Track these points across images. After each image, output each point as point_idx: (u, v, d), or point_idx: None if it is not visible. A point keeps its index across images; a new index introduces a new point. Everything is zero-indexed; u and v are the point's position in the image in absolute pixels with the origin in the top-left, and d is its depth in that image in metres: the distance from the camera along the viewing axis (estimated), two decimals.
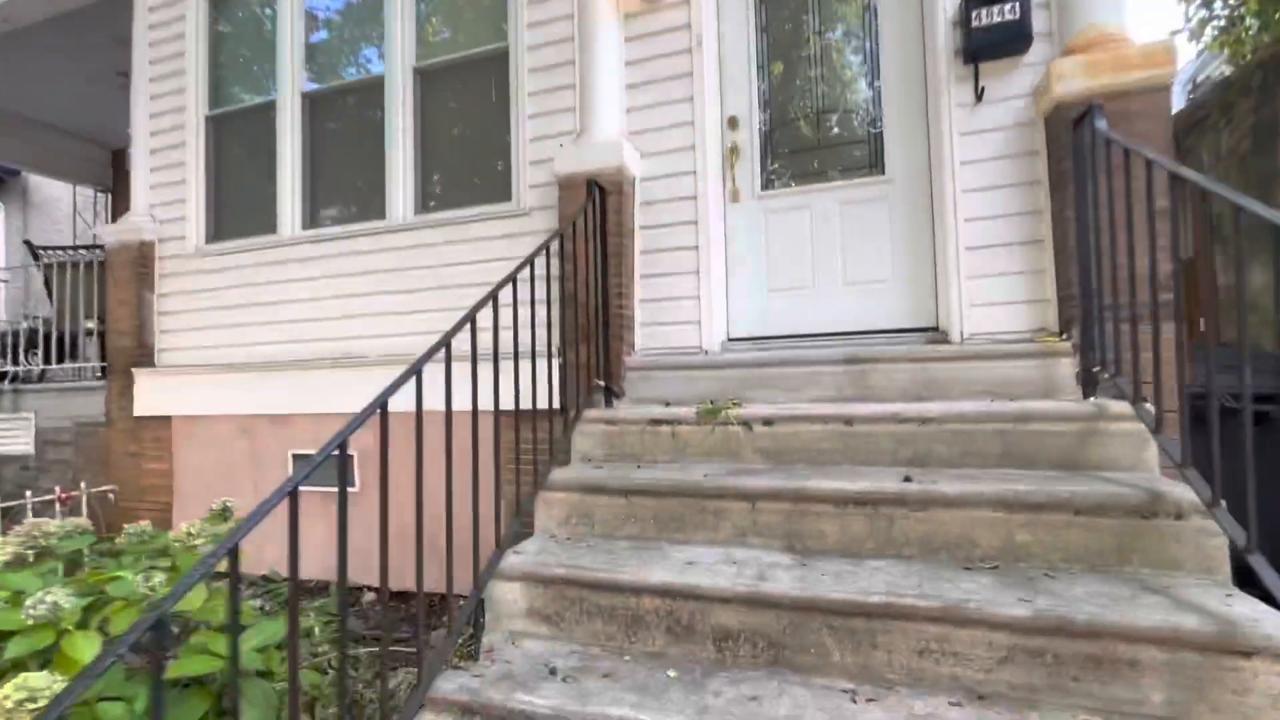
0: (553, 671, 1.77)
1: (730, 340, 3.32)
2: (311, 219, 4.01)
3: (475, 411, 2.08)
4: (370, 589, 3.40)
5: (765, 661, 1.75)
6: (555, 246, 2.60)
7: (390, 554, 1.69)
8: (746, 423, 2.50)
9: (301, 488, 1.39)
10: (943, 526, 1.93)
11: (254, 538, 1.30)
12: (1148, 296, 1.89)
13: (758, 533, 2.11)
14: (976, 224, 2.74)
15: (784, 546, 2.07)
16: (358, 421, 1.63)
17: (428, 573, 1.83)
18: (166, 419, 4.18)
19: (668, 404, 2.94)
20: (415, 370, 1.81)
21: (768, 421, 2.47)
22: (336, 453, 1.56)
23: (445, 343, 1.93)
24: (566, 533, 2.34)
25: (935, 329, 2.97)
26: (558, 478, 2.40)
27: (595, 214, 2.96)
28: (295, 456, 3.80)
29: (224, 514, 2.40)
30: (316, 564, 3.59)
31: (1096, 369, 2.28)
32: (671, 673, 1.74)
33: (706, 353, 3.12)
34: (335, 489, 1.55)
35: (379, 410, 1.67)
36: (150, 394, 4.21)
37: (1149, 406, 1.96)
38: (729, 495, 2.16)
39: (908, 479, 2.04)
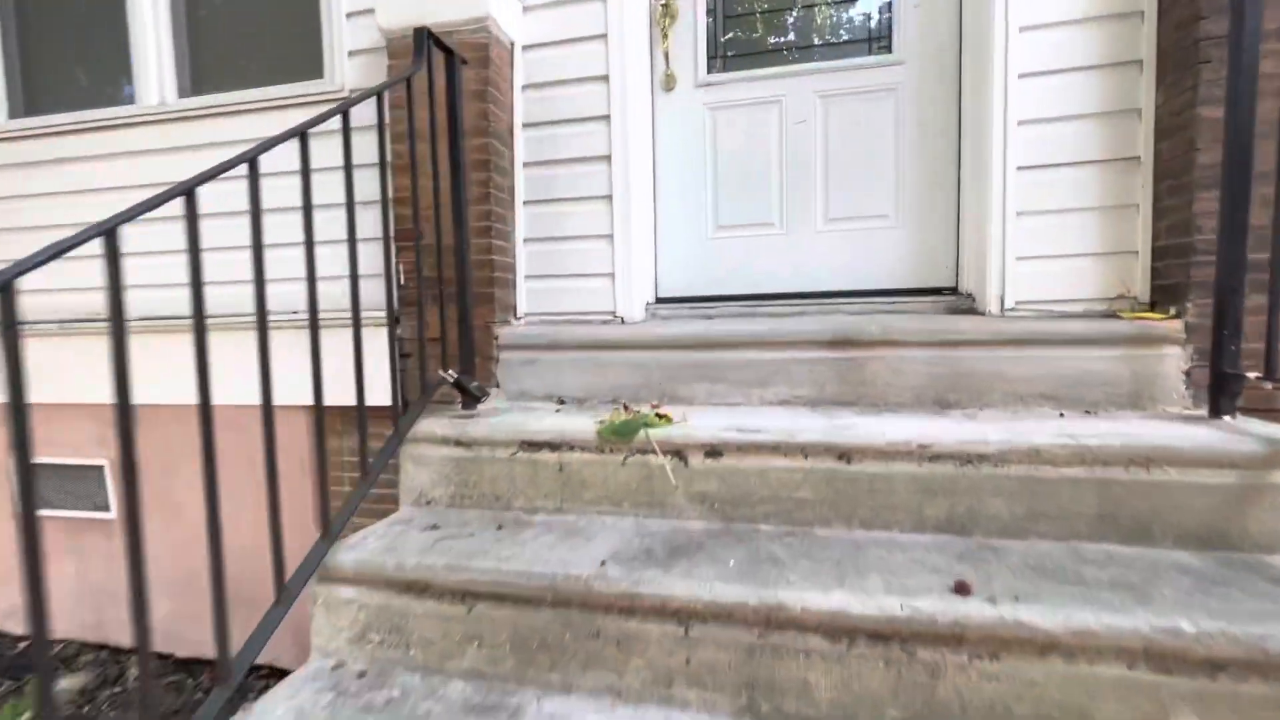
0: None
1: (659, 302, 2.30)
2: (25, 105, 2.60)
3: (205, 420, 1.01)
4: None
5: None
6: (373, 150, 1.44)
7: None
8: (679, 451, 1.52)
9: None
10: (1032, 690, 1.05)
11: None
12: None
13: (693, 681, 1.17)
14: (1033, 130, 1.77)
15: (738, 711, 1.15)
16: None
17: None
18: None
19: (561, 403, 1.93)
20: None
21: (713, 451, 1.50)
22: None
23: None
24: (361, 662, 1.34)
25: (956, 291, 2.05)
26: (346, 562, 1.36)
27: (448, 97, 1.80)
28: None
29: None
30: (66, 618, 2.49)
31: (1233, 370, 1.41)
32: None
33: (624, 321, 2.09)
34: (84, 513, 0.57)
35: None
36: None
37: None
38: (643, 611, 1.20)
39: (961, 586, 1.13)
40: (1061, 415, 1.55)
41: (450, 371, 1.76)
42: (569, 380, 1.95)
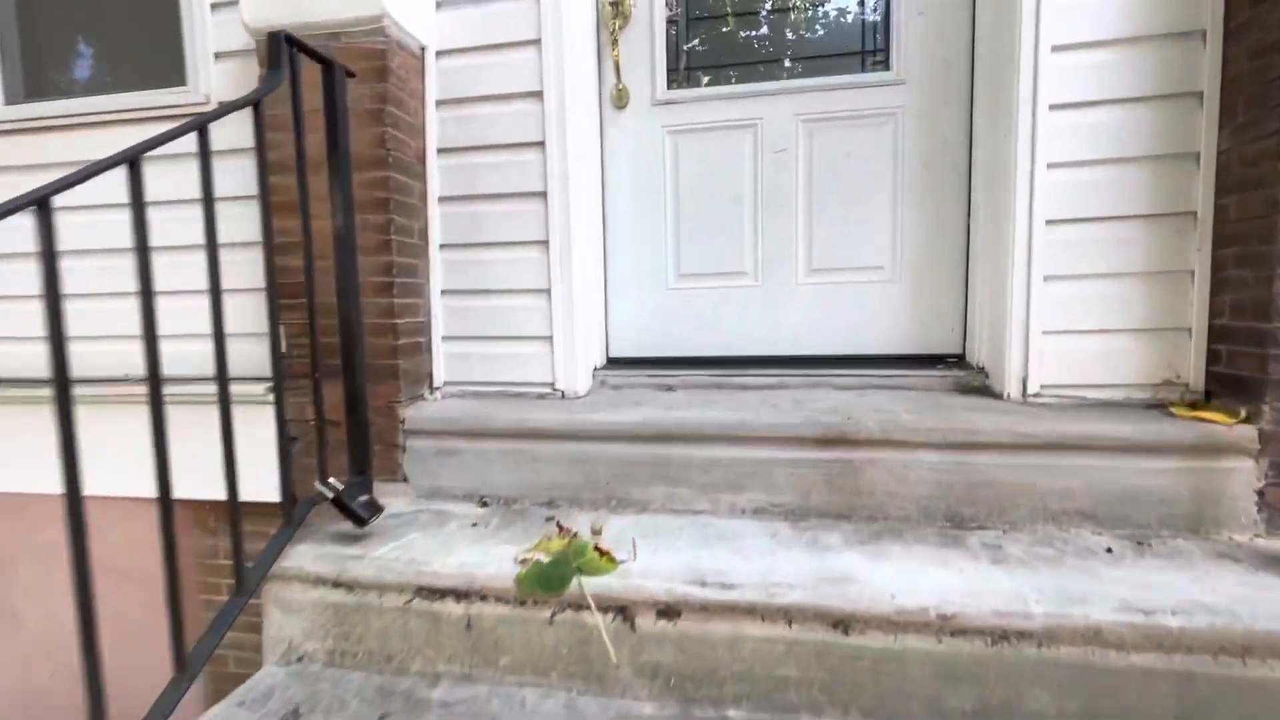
0: None
1: (610, 364, 1.91)
2: None
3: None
4: None
5: None
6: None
7: None
8: (624, 609, 1.15)
9: None
10: None
11: None
12: None
13: None
14: (1067, 176, 1.43)
15: None
16: None
17: None
18: None
19: (484, 504, 1.54)
20: None
21: (668, 611, 1.13)
22: None
23: None
24: None
25: (964, 361, 1.71)
26: None
27: (327, 120, 1.38)
28: None
29: None
30: None
31: None
32: None
33: (565, 395, 1.70)
34: None
35: None
36: None
37: None
38: None
39: None
40: (1110, 550, 1.22)
41: (332, 482, 1.35)
42: (496, 476, 1.56)
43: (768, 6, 1.78)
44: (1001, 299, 1.51)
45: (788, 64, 1.77)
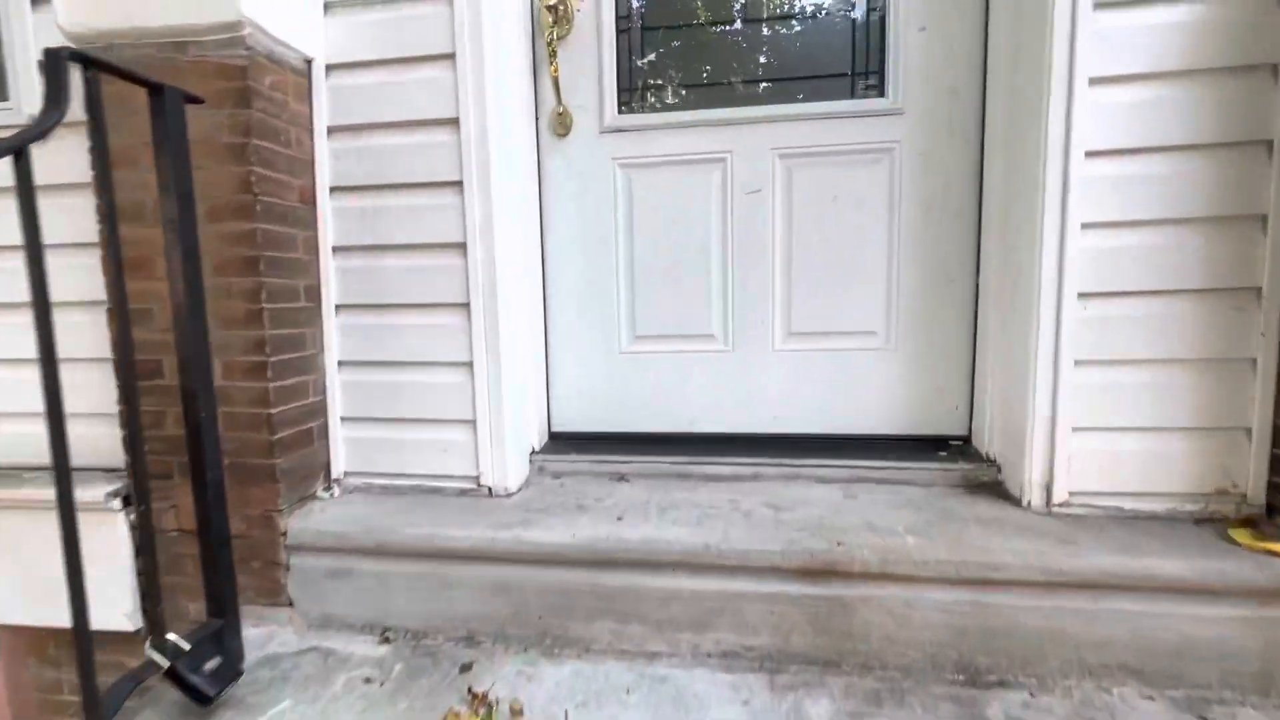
0: None
1: (553, 439, 1.61)
2: None
3: None
4: None
5: None
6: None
7: None
8: None
9: None
10: None
11: None
12: None
13: None
14: (1105, 239, 1.16)
15: None
16: None
17: None
18: None
19: (387, 639, 1.24)
20: None
21: None
22: None
23: None
24: None
25: (969, 446, 1.45)
26: None
27: (164, 159, 1.03)
28: None
29: None
30: None
31: None
32: None
33: (491, 490, 1.39)
34: None
35: None
36: None
37: None
38: None
39: None
40: None
41: (172, 640, 1.02)
42: (402, 604, 1.25)
43: (738, 10, 1.47)
44: (1021, 384, 1.24)
45: (764, 86, 1.47)
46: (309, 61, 1.33)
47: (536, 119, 1.51)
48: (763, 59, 1.46)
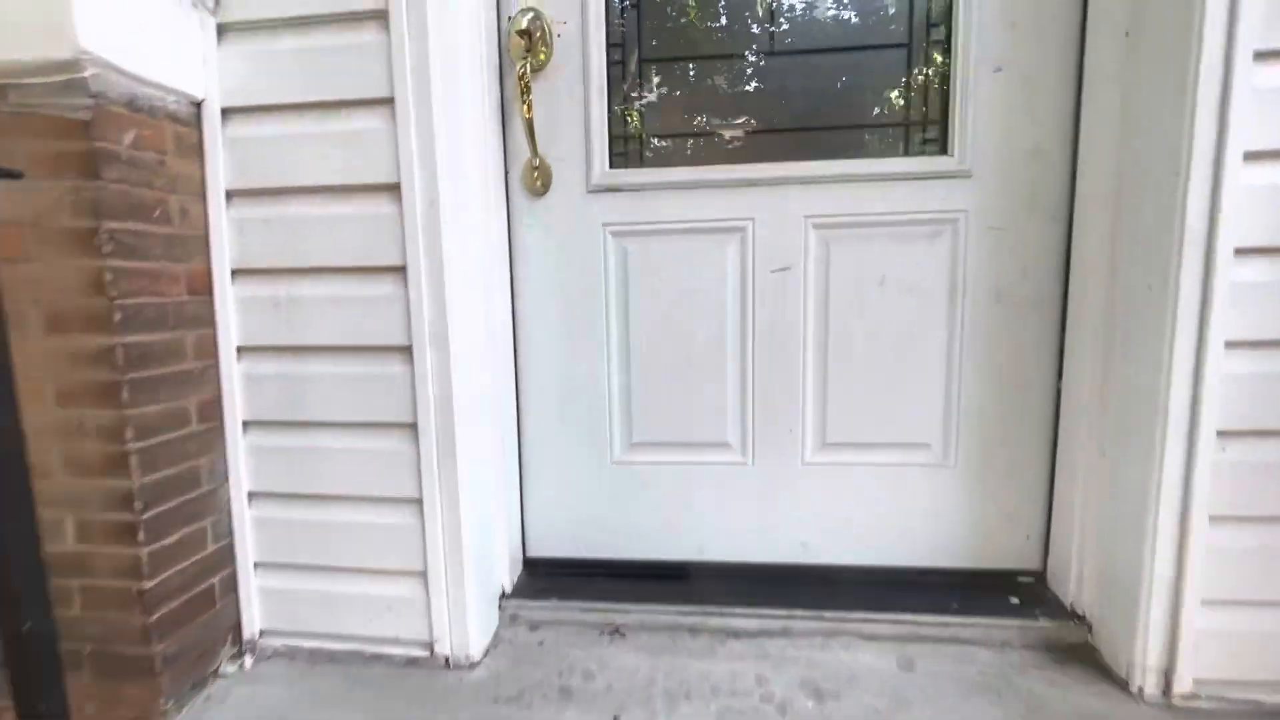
0: None
1: (527, 572, 1.30)
2: None
3: None
4: None
5: None
6: None
7: None
8: None
9: None
10: None
11: None
12: None
13: None
14: (1253, 361, 0.89)
15: None
16: None
17: None
18: None
19: None
20: None
21: None
22: None
23: None
24: None
25: (1041, 586, 1.17)
26: None
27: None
28: None
29: None
30: None
31: None
32: None
33: (448, 660, 1.08)
34: None
35: None
36: None
37: None
38: None
39: None
40: None
41: None
42: None
43: (762, 38, 1.16)
44: (1134, 536, 0.97)
45: (795, 136, 1.17)
46: (197, 104, 1.00)
47: (506, 174, 1.19)
48: (793, 102, 1.16)
